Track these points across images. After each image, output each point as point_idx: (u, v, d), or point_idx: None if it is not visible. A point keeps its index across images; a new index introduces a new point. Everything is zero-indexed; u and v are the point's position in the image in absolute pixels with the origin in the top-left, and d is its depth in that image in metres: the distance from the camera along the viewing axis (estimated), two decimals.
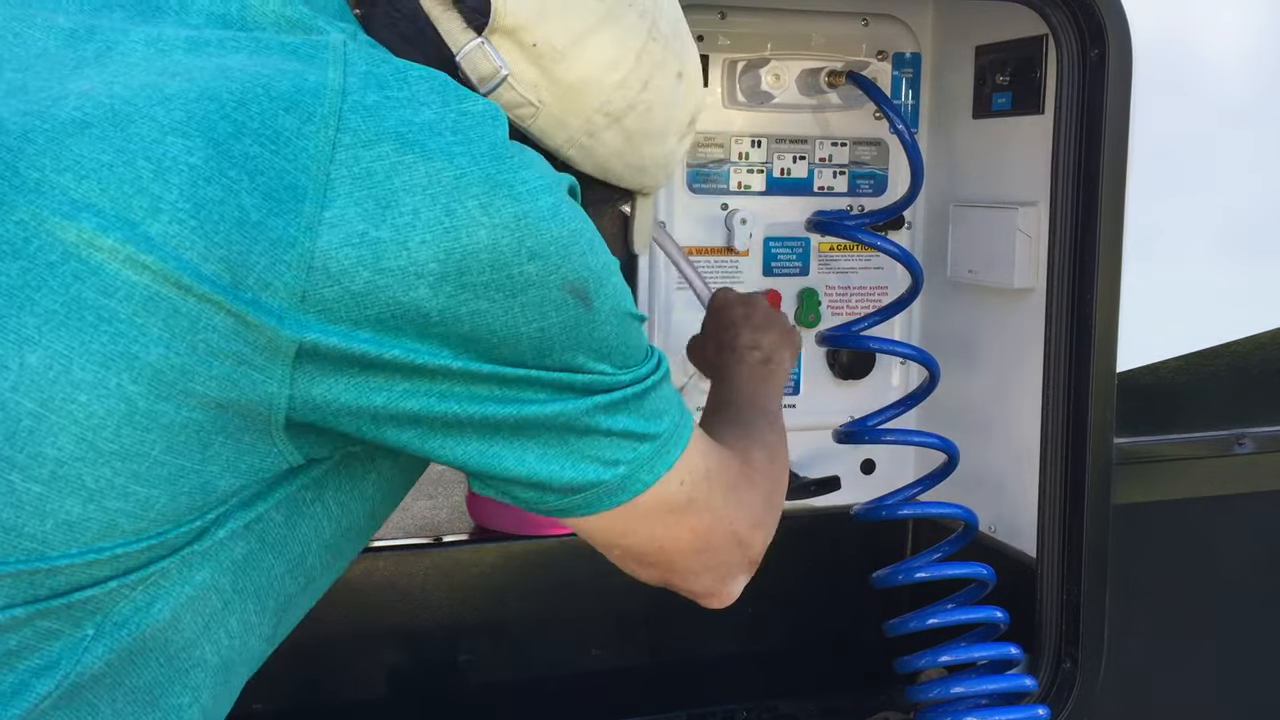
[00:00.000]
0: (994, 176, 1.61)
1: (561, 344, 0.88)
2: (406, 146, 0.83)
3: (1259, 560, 1.60)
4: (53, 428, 0.79)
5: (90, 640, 0.84)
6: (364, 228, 0.81)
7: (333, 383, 0.83)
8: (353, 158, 0.82)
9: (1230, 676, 1.62)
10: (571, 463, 0.92)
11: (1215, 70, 1.48)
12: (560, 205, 0.87)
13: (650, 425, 0.95)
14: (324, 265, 0.80)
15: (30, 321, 0.78)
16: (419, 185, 0.83)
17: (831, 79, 1.58)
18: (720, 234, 1.62)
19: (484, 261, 0.83)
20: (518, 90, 0.96)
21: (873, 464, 1.73)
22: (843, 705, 1.68)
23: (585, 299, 0.88)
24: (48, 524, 0.80)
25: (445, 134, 0.85)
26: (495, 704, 1.63)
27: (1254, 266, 1.54)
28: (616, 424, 0.92)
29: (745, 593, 1.71)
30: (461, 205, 0.83)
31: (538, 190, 0.86)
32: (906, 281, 1.58)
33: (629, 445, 0.93)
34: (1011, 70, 1.56)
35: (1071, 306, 1.43)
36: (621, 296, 0.93)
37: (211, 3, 0.90)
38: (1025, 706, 1.47)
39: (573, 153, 0.99)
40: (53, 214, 0.78)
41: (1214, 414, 1.53)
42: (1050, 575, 1.47)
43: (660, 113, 1.01)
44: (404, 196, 0.82)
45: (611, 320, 0.91)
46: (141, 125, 0.81)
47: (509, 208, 0.84)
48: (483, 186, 0.84)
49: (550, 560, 1.62)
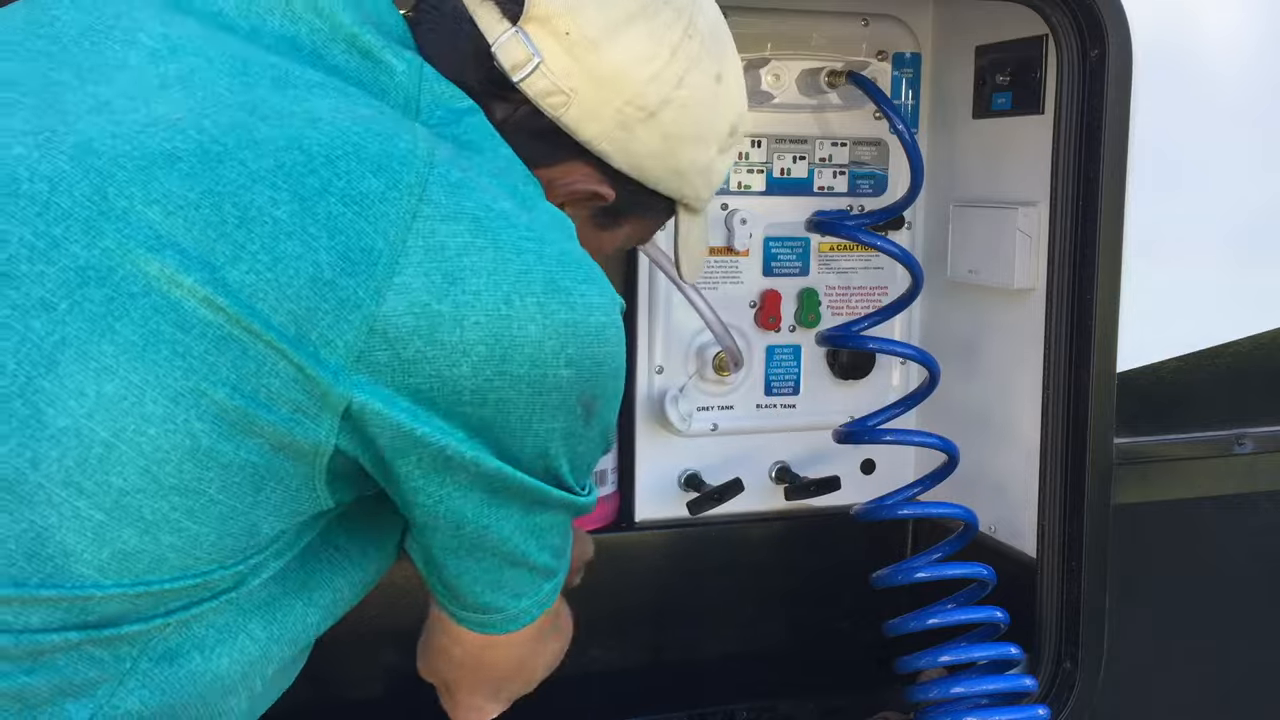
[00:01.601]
0: (994, 176, 1.61)
1: (557, 449, 0.92)
2: (481, 230, 0.86)
3: (1259, 560, 1.60)
4: (121, 458, 0.80)
5: (128, 674, 0.86)
6: (427, 299, 0.83)
7: (371, 441, 0.86)
8: (430, 229, 0.84)
9: (1230, 676, 1.62)
10: (494, 588, 0.98)
11: (1215, 70, 1.48)
12: (608, 327, 0.92)
13: (560, 562, 1.01)
14: (384, 329, 0.82)
15: (109, 350, 0.79)
16: (485, 269, 0.85)
17: (831, 79, 1.58)
18: (720, 234, 1.62)
19: (526, 355, 0.87)
20: (550, 77, 0.96)
21: (873, 464, 1.73)
22: (843, 705, 1.68)
23: (589, 413, 0.93)
24: (104, 552, 0.82)
25: (520, 228, 0.88)
26: None
27: (1254, 266, 1.54)
28: (546, 546, 0.98)
29: (745, 593, 1.72)
30: (521, 299, 0.86)
31: (593, 307, 0.90)
32: (906, 281, 1.58)
33: (538, 581, 1.00)
34: (1011, 70, 1.56)
35: (1071, 306, 1.43)
36: (611, 421, 0.98)
37: (281, 24, 0.92)
38: (1025, 706, 1.47)
39: (606, 146, 0.99)
40: (138, 245, 0.79)
41: (1214, 414, 1.53)
42: (1050, 575, 1.47)
43: (697, 112, 1.01)
44: (470, 277, 0.85)
45: (596, 439, 0.96)
46: (230, 168, 0.82)
47: (563, 314, 0.88)
48: (544, 287, 0.87)
49: None
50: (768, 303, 1.64)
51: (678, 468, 1.65)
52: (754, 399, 1.67)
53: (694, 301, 1.45)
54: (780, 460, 1.69)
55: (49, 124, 0.83)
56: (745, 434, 1.67)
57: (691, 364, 1.63)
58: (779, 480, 1.69)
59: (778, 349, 1.67)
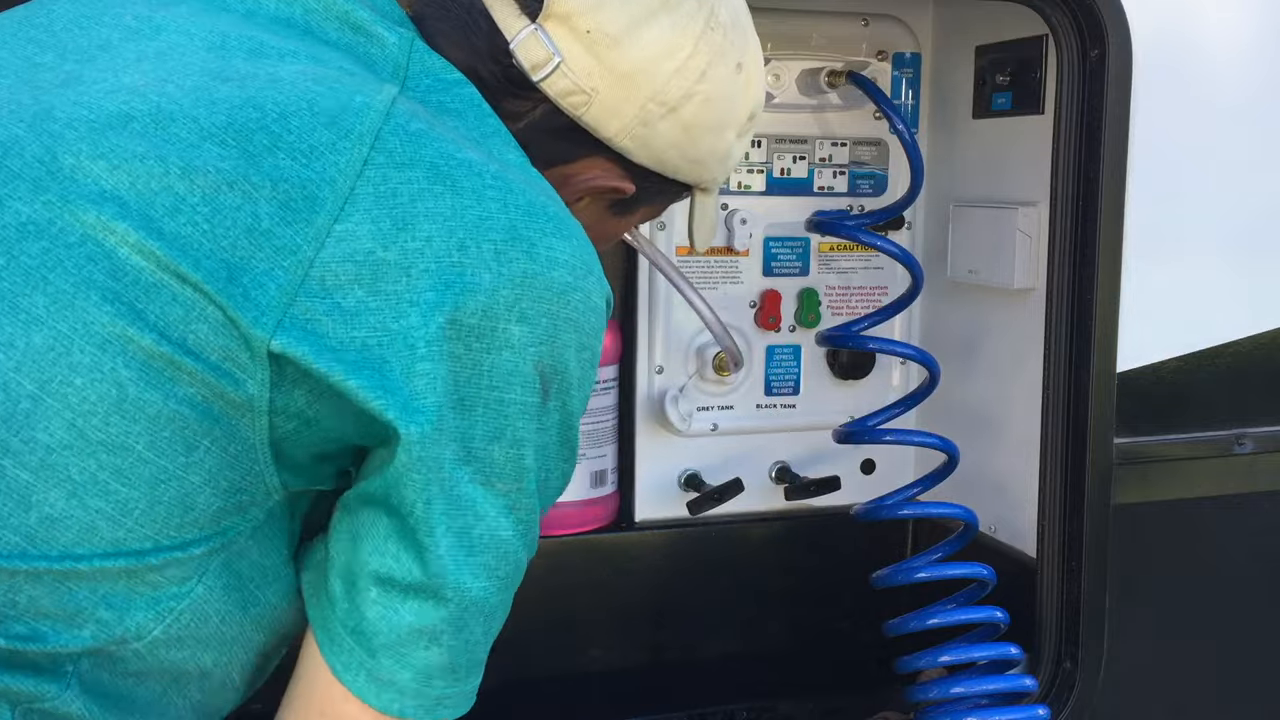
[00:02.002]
0: (994, 176, 1.61)
1: (516, 428, 0.85)
2: (439, 177, 0.82)
3: (1259, 560, 1.60)
4: (47, 412, 0.78)
5: (69, 681, 0.84)
6: (372, 246, 0.80)
7: (307, 397, 0.81)
8: (382, 177, 0.81)
9: (1230, 676, 1.62)
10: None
11: (1215, 70, 1.48)
12: (573, 289, 0.85)
13: (488, 613, 0.90)
14: (321, 276, 0.79)
15: (41, 301, 0.78)
16: (440, 215, 0.82)
17: (831, 79, 1.58)
18: (720, 234, 1.62)
19: (479, 304, 0.81)
20: (570, 77, 0.94)
21: (873, 464, 1.73)
22: (843, 705, 1.68)
23: (547, 393, 0.86)
24: (31, 516, 0.80)
25: (485, 177, 0.84)
26: (495, 704, 1.63)
27: (1254, 266, 1.54)
28: (481, 570, 0.87)
29: (745, 593, 1.72)
30: (476, 245, 0.82)
31: (557, 262, 0.84)
32: (906, 281, 1.58)
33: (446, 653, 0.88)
34: (1011, 70, 1.56)
35: (1071, 306, 1.43)
36: (573, 421, 0.90)
37: (277, 6, 0.91)
38: (1025, 706, 1.47)
39: (627, 143, 0.97)
40: (80, 198, 0.79)
41: (1214, 414, 1.53)
42: (1050, 575, 1.47)
43: (719, 104, 0.99)
44: (422, 223, 0.81)
45: (553, 433, 0.88)
46: (182, 125, 0.81)
47: (521, 264, 0.83)
48: (503, 234, 0.83)
49: (550, 560, 1.62)
50: (768, 303, 1.64)
51: (678, 468, 1.65)
52: (754, 399, 1.67)
53: (693, 302, 1.44)
54: (780, 460, 1.69)
55: (18, 98, 0.84)
56: (745, 434, 1.67)
57: (691, 364, 1.63)
58: (779, 480, 1.69)
59: (778, 349, 1.67)
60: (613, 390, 1.57)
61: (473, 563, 0.86)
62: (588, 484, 1.55)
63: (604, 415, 1.55)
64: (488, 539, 0.86)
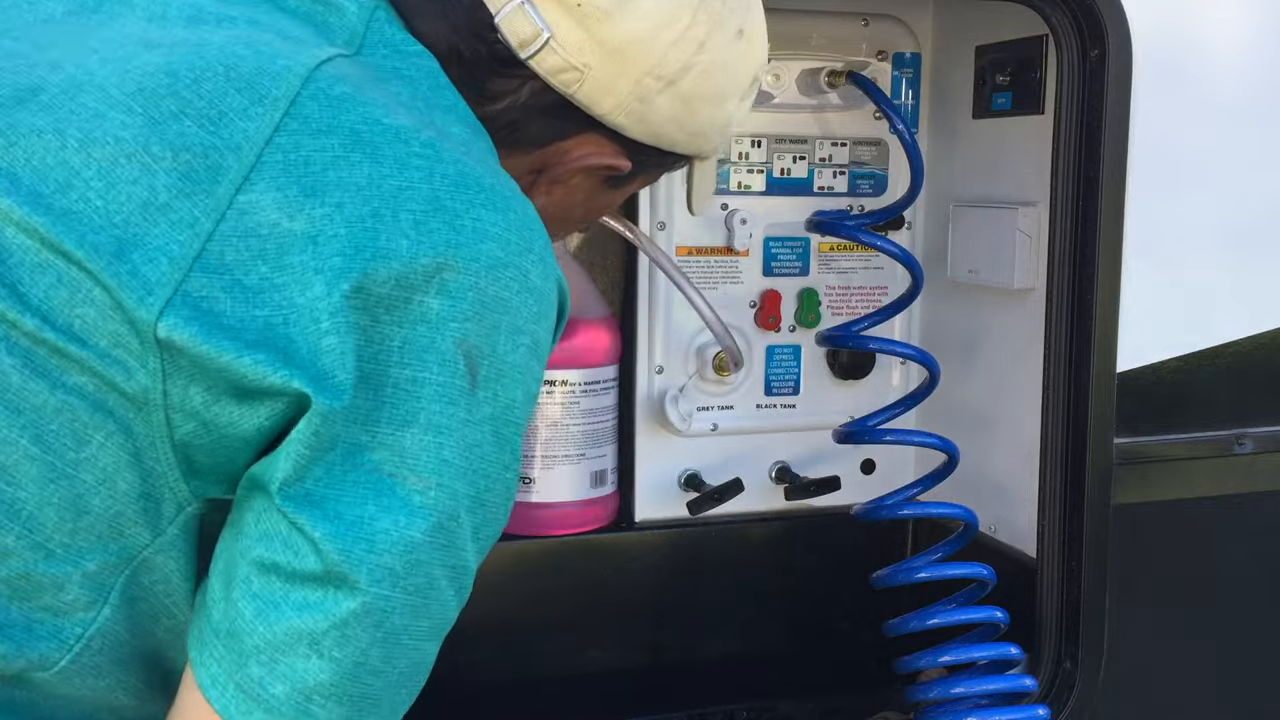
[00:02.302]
0: (994, 176, 1.61)
1: (426, 417, 0.75)
2: (358, 144, 0.76)
3: (1259, 560, 1.60)
4: None
5: None
6: (277, 218, 0.73)
7: (203, 396, 0.74)
8: (293, 144, 0.75)
9: (1230, 676, 1.62)
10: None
11: (1216, 70, 1.48)
12: (504, 266, 0.77)
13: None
14: (219, 251, 0.73)
15: None
16: (355, 184, 0.75)
17: (831, 79, 1.58)
18: (720, 234, 1.62)
19: (391, 272, 0.74)
20: (561, 53, 0.88)
21: (873, 464, 1.73)
22: (843, 705, 1.68)
23: (474, 377, 0.77)
24: None
25: (412, 145, 0.77)
26: (495, 704, 1.63)
27: (1254, 266, 1.54)
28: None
29: (745, 593, 1.72)
30: (393, 214, 0.75)
31: (487, 235, 0.77)
32: (906, 281, 1.58)
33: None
34: (1011, 70, 1.56)
35: (1071, 306, 1.43)
36: (511, 418, 0.79)
37: None
38: (1025, 706, 1.47)
39: (622, 119, 0.92)
40: None
41: (1214, 414, 1.53)
42: (1050, 575, 1.47)
43: (719, 74, 0.94)
44: (334, 191, 0.74)
45: (485, 430, 0.78)
46: (90, 95, 0.76)
47: (443, 234, 0.75)
48: (425, 205, 0.76)
49: (550, 560, 1.62)
50: (768, 303, 1.64)
51: (677, 468, 1.65)
52: (754, 399, 1.67)
53: (694, 301, 1.45)
54: (780, 460, 1.69)
55: None
56: (745, 434, 1.67)
57: (691, 364, 1.63)
58: (779, 480, 1.69)
59: (778, 349, 1.67)
60: (613, 390, 1.57)
61: (372, 561, 0.75)
62: (588, 484, 1.55)
63: (604, 415, 1.55)
64: (394, 537, 0.75)
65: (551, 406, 1.51)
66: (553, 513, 1.54)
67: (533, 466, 1.52)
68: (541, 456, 1.51)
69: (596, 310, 1.55)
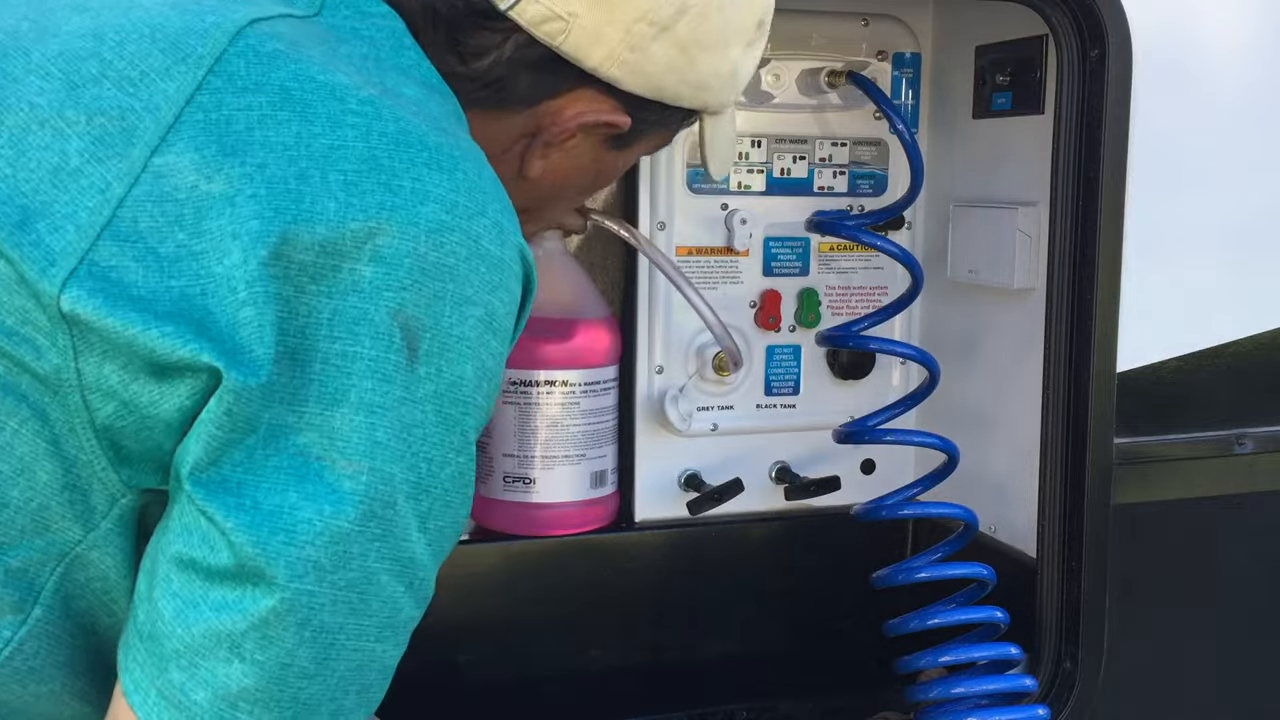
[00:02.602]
0: (994, 176, 1.61)
1: (358, 395, 0.69)
2: (287, 102, 0.70)
3: (1259, 560, 1.60)
4: None
5: None
6: (195, 180, 0.68)
7: (119, 374, 0.69)
8: (215, 103, 0.70)
9: (1230, 676, 1.62)
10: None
11: (1216, 70, 1.48)
12: (451, 230, 0.70)
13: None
14: (131, 217, 0.68)
15: None
16: (281, 144, 0.69)
17: (831, 79, 1.58)
18: (720, 234, 1.62)
19: (316, 236, 0.67)
20: (543, 2, 0.83)
21: (873, 464, 1.73)
22: (843, 705, 1.68)
23: (414, 353, 0.70)
24: None
25: (348, 103, 0.71)
26: (495, 704, 1.63)
27: (1254, 266, 1.54)
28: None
29: (745, 593, 1.72)
30: (321, 174, 0.69)
31: (429, 196, 0.70)
32: (906, 281, 1.58)
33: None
34: (1011, 70, 1.56)
35: (1071, 306, 1.43)
36: (459, 397, 0.72)
37: None
38: (1025, 706, 1.47)
39: (615, 71, 0.86)
40: None
41: (1214, 414, 1.53)
42: (1050, 575, 1.47)
43: (716, 17, 0.88)
44: (257, 150, 0.69)
45: (428, 409, 0.71)
46: (12, 60, 0.73)
47: (377, 195, 0.69)
48: (359, 164, 0.69)
49: (550, 560, 1.62)
50: (768, 303, 1.64)
51: (677, 468, 1.65)
52: (754, 399, 1.67)
53: (693, 301, 1.45)
54: (780, 460, 1.69)
55: None
56: (745, 434, 1.67)
57: (691, 364, 1.63)
58: (779, 480, 1.69)
59: (778, 349, 1.67)
60: (613, 390, 1.57)
61: (291, 554, 0.68)
62: (588, 484, 1.55)
63: (604, 415, 1.55)
64: (317, 528, 0.69)
65: (551, 406, 1.51)
66: (553, 513, 1.54)
67: (532, 467, 1.52)
68: (541, 457, 1.51)
69: (596, 310, 1.55)
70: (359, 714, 0.75)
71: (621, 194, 1.61)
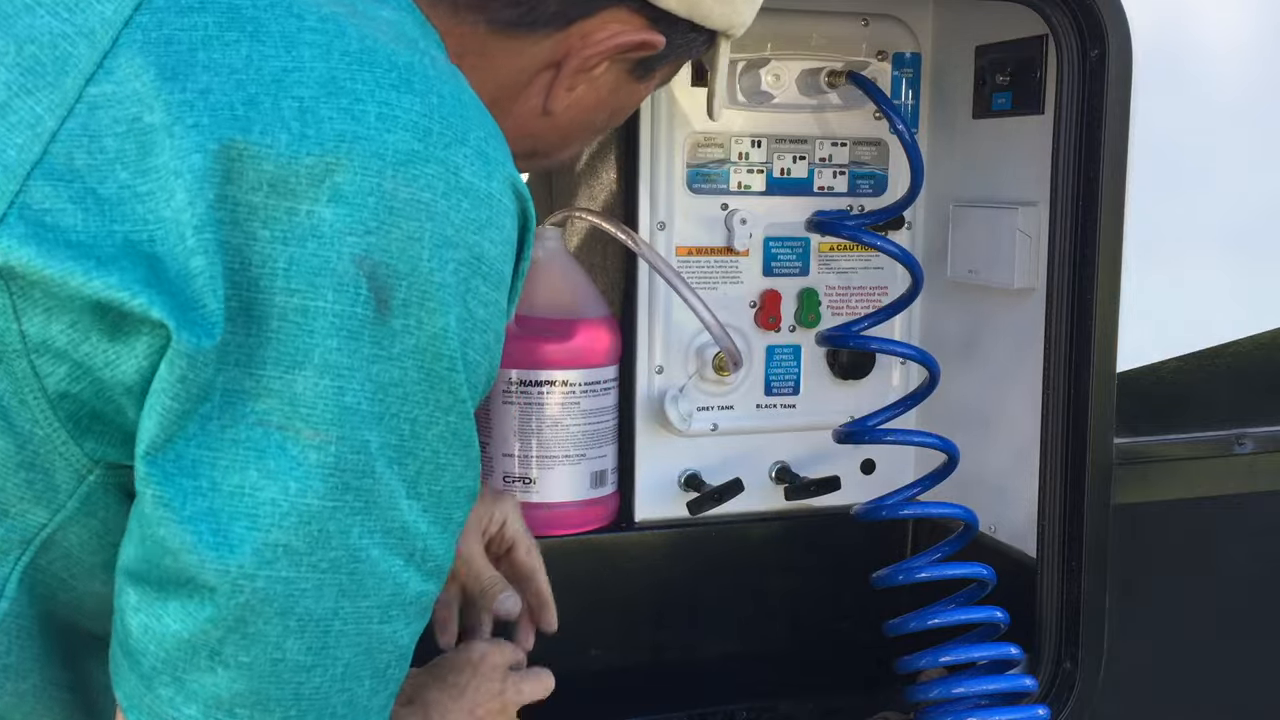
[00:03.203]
0: (994, 176, 1.61)
1: (321, 355, 0.61)
2: (236, 21, 0.63)
3: (1259, 560, 1.60)
4: None
5: None
6: (136, 110, 0.61)
7: (67, 332, 0.62)
8: (156, 22, 0.63)
9: (1230, 676, 1.62)
10: None
11: (1216, 70, 1.48)
12: (425, 160, 0.62)
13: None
14: (66, 153, 0.61)
15: None
16: (227, 66, 0.62)
17: (831, 79, 1.58)
18: (720, 234, 1.62)
19: (265, 173, 0.60)
20: None
21: (873, 464, 1.73)
22: (843, 705, 1.68)
23: (384, 304, 0.62)
24: None
25: (306, 19, 0.64)
26: None
27: (1254, 266, 1.54)
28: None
29: (745, 593, 1.72)
30: (274, 101, 0.61)
31: (398, 122, 0.62)
32: (906, 281, 1.58)
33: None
34: (1011, 70, 1.56)
35: (1071, 306, 1.43)
36: (442, 350, 0.64)
37: None
38: (1025, 706, 1.47)
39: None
40: None
41: (1214, 414, 1.53)
42: (1050, 575, 1.47)
43: None
44: (200, 73, 0.61)
45: (409, 365, 0.63)
46: None
47: (337, 123, 0.61)
48: (317, 89, 0.61)
49: (550, 560, 1.62)
50: (768, 303, 1.64)
51: (677, 468, 1.65)
52: (754, 399, 1.67)
53: (691, 303, 1.45)
54: (780, 460, 1.69)
55: None
56: (745, 434, 1.67)
57: (691, 364, 1.63)
58: (779, 480, 1.69)
59: (778, 349, 1.67)
60: (613, 390, 1.57)
61: (257, 539, 0.62)
62: (588, 484, 1.55)
63: (604, 415, 1.55)
64: (283, 509, 0.62)
65: (551, 406, 1.51)
66: (553, 513, 1.54)
67: (532, 466, 1.52)
68: (541, 457, 1.51)
69: (596, 310, 1.55)
70: (380, 698, 0.70)
71: (621, 194, 1.61)
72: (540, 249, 1.51)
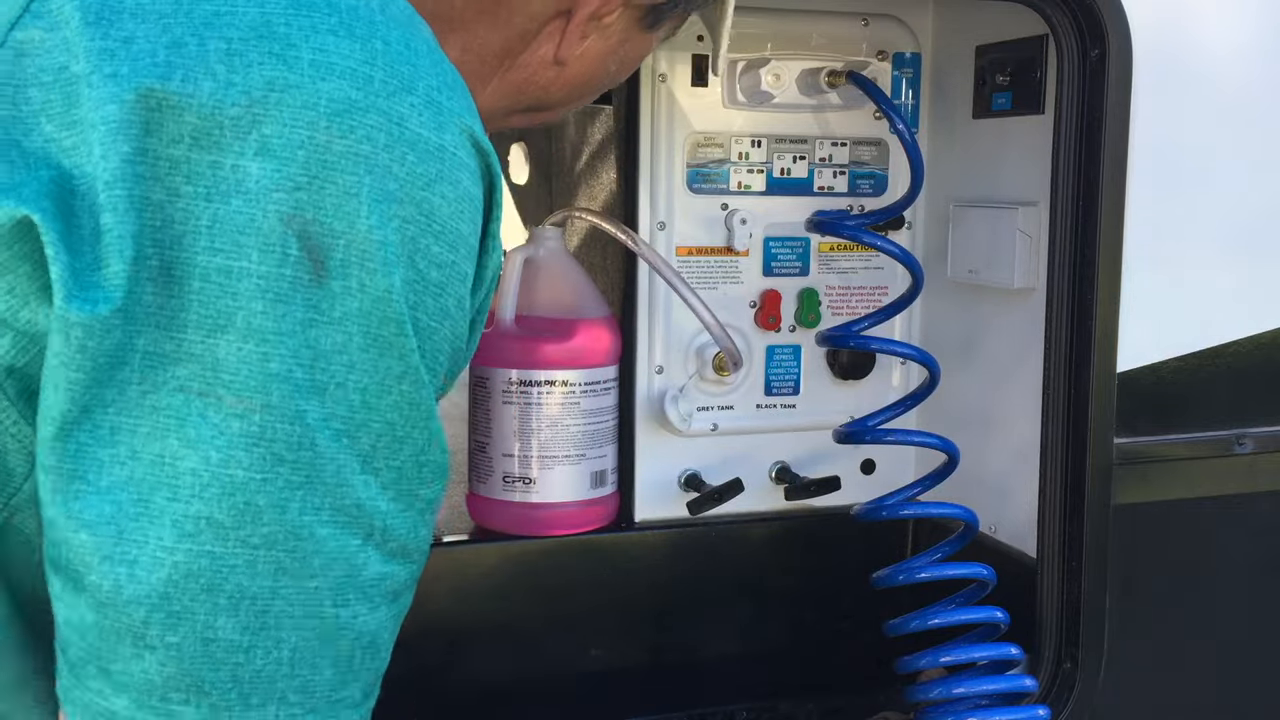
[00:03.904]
0: (994, 176, 1.61)
1: (245, 319, 0.57)
2: None
3: (1259, 560, 1.60)
4: None
5: None
6: (63, 60, 0.57)
7: (7, 297, 0.58)
8: None
9: (1230, 676, 1.62)
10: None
11: (1216, 70, 1.48)
12: (364, 110, 0.58)
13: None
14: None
15: None
16: (155, 12, 0.58)
17: (831, 79, 1.58)
18: (720, 234, 1.62)
19: (187, 125, 0.56)
20: None
21: (873, 464, 1.73)
22: (843, 705, 1.68)
23: (320, 265, 0.58)
24: None
25: None
26: (495, 704, 1.63)
27: (1254, 266, 1.54)
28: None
29: (745, 593, 1.72)
30: (200, 44, 0.57)
31: (336, 70, 0.57)
32: (906, 281, 1.58)
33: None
34: (1011, 70, 1.56)
35: (1071, 306, 1.43)
36: (389, 314, 0.60)
37: None
38: (1025, 707, 1.47)
39: None
40: None
41: (1214, 414, 1.53)
42: (1050, 575, 1.47)
43: None
44: (125, 20, 0.58)
45: (352, 329, 0.59)
46: None
47: (266, 69, 0.57)
48: (248, 31, 0.57)
49: (550, 560, 1.62)
50: (768, 303, 1.64)
51: (677, 468, 1.65)
52: (754, 399, 1.67)
53: (690, 303, 1.45)
54: (780, 460, 1.69)
55: None
56: (745, 434, 1.67)
57: (691, 364, 1.63)
58: (779, 480, 1.69)
59: (778, 349, 1.67)
60: (613, 390, 1.57)
61: (177, 511, 0.58)
62: (588, 484, 1.55)
63: (604, 415, 1.55)
64: (205, 479, 0.58)
65: (551, 406, 1.51)
66: (553, 513, 1.54)
67: (532, 467, 1.52)
68: (541, 457, 1.51)
69: (596, 310, 1.55)
70: (350, 691, 0.65)
71: (621, 194, 1.61)
72: (540, 249, 1.51)
